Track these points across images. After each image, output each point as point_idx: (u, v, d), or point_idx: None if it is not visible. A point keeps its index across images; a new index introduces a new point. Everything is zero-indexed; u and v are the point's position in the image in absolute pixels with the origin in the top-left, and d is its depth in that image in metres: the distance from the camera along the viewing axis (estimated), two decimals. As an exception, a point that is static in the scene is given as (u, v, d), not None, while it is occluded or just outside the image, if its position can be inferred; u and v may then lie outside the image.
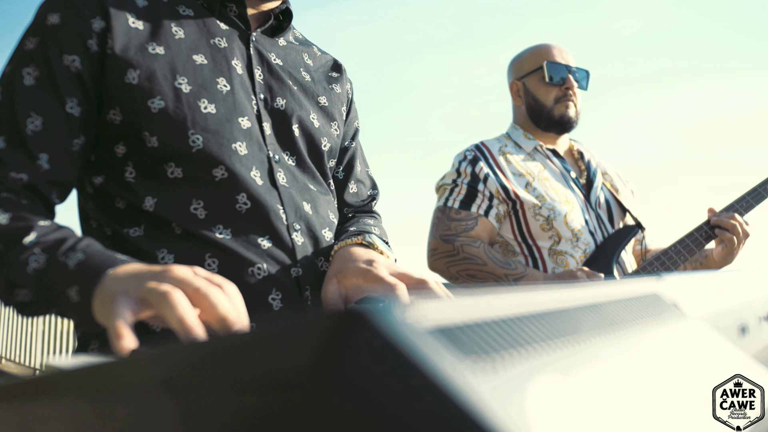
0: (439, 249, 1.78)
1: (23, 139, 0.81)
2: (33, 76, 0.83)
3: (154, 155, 0.86)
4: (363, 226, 1.05)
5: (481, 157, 1.83)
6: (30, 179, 0.81)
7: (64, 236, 0.75)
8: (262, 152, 0.92)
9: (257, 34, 1.01)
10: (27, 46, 0.85)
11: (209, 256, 0.85)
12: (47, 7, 0.86)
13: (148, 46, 0.87)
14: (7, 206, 0.77)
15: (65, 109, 0.84)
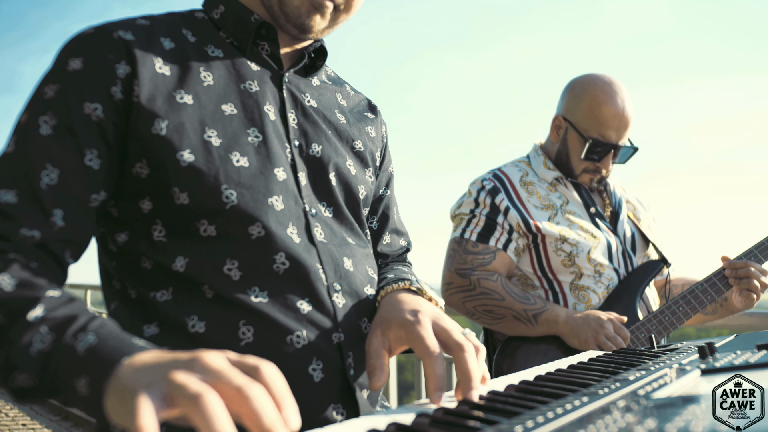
0: (455, 283, 1.70)
1: (37, 193, 0.74)
2: (50, 125, 0.77)
3: (184, 212, 0.81)
4: (402, 275, 0.98)
5: (501, 188, 1.75)
6: (42, 237, 0.74)
7: (74, 313, 0.65)
8: (298, 206, 0.87)
9: (290, 74, 0.95)
10: (46, 93, 0.79)
11: (243, 323, 0.79)
12: (69, 52, 0.80)
13: (176, 94, 0.82)
14: (13, 270, 0.68)
15: (84, 162, 0.77)
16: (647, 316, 1.65)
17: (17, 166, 0.75)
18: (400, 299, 0.85)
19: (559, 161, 1.82)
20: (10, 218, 0.72)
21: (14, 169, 0.75)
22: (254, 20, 0.91)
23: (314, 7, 0.88)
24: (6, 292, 0.66)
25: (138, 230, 0.83)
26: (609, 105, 1.70)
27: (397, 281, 0.91)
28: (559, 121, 1.81)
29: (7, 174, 0.75)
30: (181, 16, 0.93)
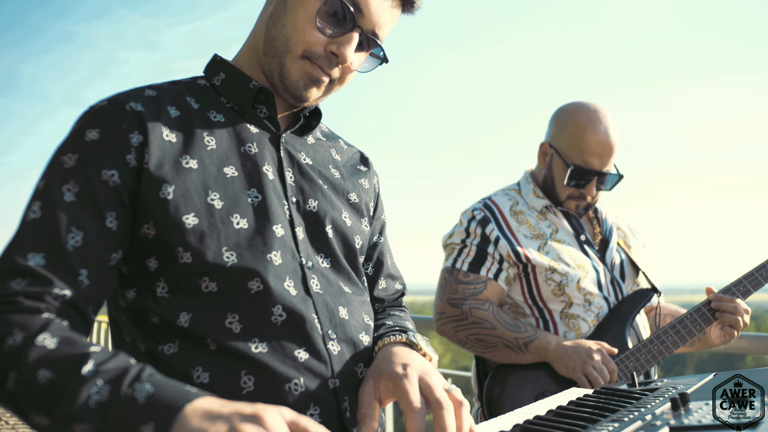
0: (447, 313, 1.73)
1: (64, 255, 0.80)
2: (73, 192, 0.84)
3: (187, 270, 0.87)
4: (400, 322, 1.05)
5: (491, 218, 1.78)
6: (72, 296, 0.80)
7: (125, 365, 0.70)
8: (295, 260, 0.93)
9: (287, 135, 1.02)
10: (66, 162, 0.85)
11: (245, 373, 0.84)
12: (86, 123, 0.87)
13: (182, 159, 0.89)
14: (53, 329, 0.74)
15: (105, 224, 0.84)
16: (636, 345, 1.68)
17: (45, 230, 0.81)
18: (394, 352, 0.91)
19: (545, 187, 1.85)
20: (41, 279, 0.78)
21: (42, 233, 0.81)
22: (253, 86, 0.98)
23: (311, 81, 0.96)
24: (51, 350, 0.71)
25: (144, 287, 0.89)
26: (592, 133, 1.73)
27: (395, 333, 0.97)
28: (545, 147, 1.84)
29: (36, 238, 0.80)
30: (184, 85, 1.00)
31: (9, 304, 0.76)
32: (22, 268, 0.78)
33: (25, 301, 0.77)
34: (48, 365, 0.70)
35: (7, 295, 0.77)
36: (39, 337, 0.72)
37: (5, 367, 0.71)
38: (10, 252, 0.80)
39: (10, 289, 0.77)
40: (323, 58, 0.94)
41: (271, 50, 0.97)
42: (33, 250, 0.79)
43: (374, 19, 0.95)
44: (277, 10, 0.97)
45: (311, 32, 0.93)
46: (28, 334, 0.72)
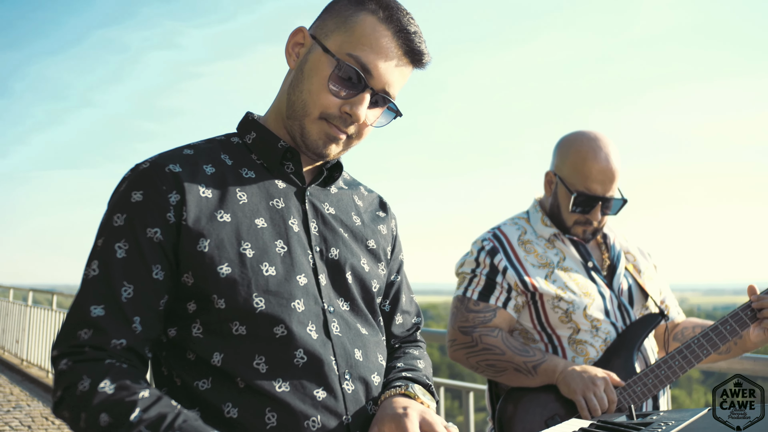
0: (458, 340, 1.80)
1: (120, 306, 0.94)
2: (124, 250, 0.97)
3: (221, 315, 0.98)
4: (410, 362, 1.16)
5: (499, 249, 1.84)
6: (128, 343, 0.94)
7: (164, 411, 0.87)
8: (317, 305, 1.04)
9: (312, 188, 1.13)
10: (116, 222, 0.98)
11: (269, 410, 0.96)
12: (131, 186, 1.00)
13: (217, 213, 1.01)
14: (112, 375, 0.90)
15: (152, 276, 0.97)
16: (644, 370, 1.71)
17: (103, 286, 0.95)
18: (395, 401, 1.01)
19: (552, 215, 1.91)
20: (101, 331, 0.93)
21: (101, 288, 0.95)
22: (281, 146, 1.10)
23: (330, 139, 1.06)
24: (109, 395, 0.87)
25: (183, 327, 1.00)
26: (593, 160, 1.79)
27: (397, 384, 1.07)
28: (550, 176, 1.90)
29: (96, 292, 0.95)
30: (219, 142, 1.12)
31: (78, 354, 0.92)
32: (87, 320, 0.93)
33: (90, 351, 0.92)
34: (106, 409, 0.87)
35: (76, 345, 0.93)
36: (101, 384, 0.88)
37: (78, 408, 0.88)
38: (78, 305, 0.95)
39: (79, 339, 0.93)
40: (338, 119, 1.04)
41: (292, 114, 1.07)
42: (95, 303, 0.94)
43: (384, 79, 1.04)
44: (296, 78, 1.07)
45: (325, 96, 1.03)
46: (93, 381, 0.88)
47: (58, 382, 0.92)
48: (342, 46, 1.03)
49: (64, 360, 0.92)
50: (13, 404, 7.06)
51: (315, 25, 1.11)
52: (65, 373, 0.91)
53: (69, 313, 0.96)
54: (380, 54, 1.02)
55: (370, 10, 1.04)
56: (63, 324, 0.97)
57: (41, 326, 9.00)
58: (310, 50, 1.07)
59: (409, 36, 1.04)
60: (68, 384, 0.90)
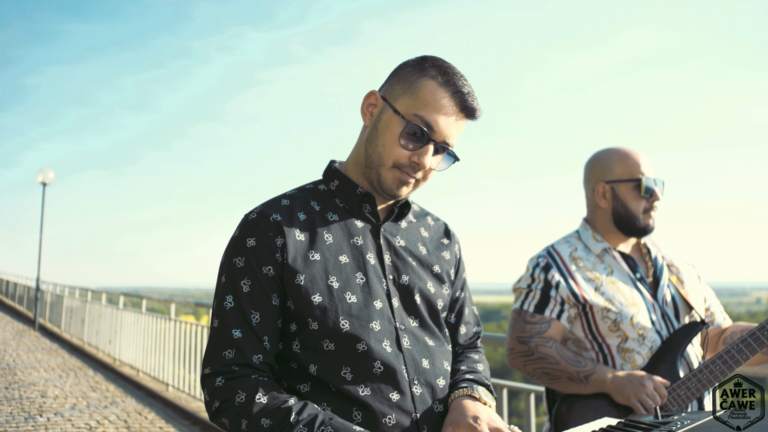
0: (516, 349, 2.01)
1: (252, 328, 1.19)
2: (248, 285, 1.22)
3: (314, 334, 1.21)
4: (471, 365, 1.40)
5: (553, 265, 2.04)
6: (264, 358, 1.19)
7: (313, 412, 1.11)
8: (391, 324, 1.25)
9: (386, 225, 1.35)
10: (238, 264, 1.23)
11: (355, 410, 1.18)
12: (245, 234, 1.25)
13: (309, 254, 1.24)
14: (262, 387, 1.14)
15: (272, 303, 1.22)
16: (687, 375, 1.86)
17: (238, 314, 1.21)
18: (464, 405, 1.22)
19: (618, 218, 2.06)
20: (242, 351, 1.18)
21: (237, 316, 1.21)
22: (359, 192, 1.32)
23: (401, 183, 1.27)
24: (265, 404, 1.12)
25: (286, 342, 1.24)
26: (635, 153, 2.06)
27: (464, 385, 1.28)
28: (602, 187, 2.09)
29: (234, 319, 1.20)
30: (309, 191, 1.36)
31: (229, 373, 1.17)
32: (230, 341, 1.18)
33: (239, 370, 1.17)
34: (267, 415, 1.11)
35: (225, 365, 1.18)
36: (256, 396, 1.13)
37: (239, 417, 1.13)
38: (221, 331, 1.20)
39: (226, 359, 1.18)
40: (408, 167, 1.25)
41: (370, 164, 1.29)
42: (234, 328, 1.19)
43: (444, 133, 1.24)
44: (372, 134, 1.29)
45: (397, 150, 1.24)
46: (248, 394, 1.13)
47: (214, 395, 1.16)
48: (409, 108, 1.23)
49: (219, 378, 1.16)
50: (110, 400, 7.67)
51: (384, 88, 1.31)
52: (221, 389, 1.15)
53: (212, 337, 1.21)
54: (440, 113, 1.22)
55: (431, 76, 1.24)
56: (209, 345, 1.21)
57: (132, 328, 9.61)
58: (382, 110, 1.28)
59: (463, 96, 1.24)
60: (226, 398, 1.14)
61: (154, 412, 7.00)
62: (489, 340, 3.27)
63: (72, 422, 6.47)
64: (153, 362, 8.62)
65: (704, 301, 2.12)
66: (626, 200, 2.03)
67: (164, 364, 8.19)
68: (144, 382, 8.53)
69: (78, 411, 7.00)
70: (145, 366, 8.95)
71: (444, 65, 1.26)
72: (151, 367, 8.70)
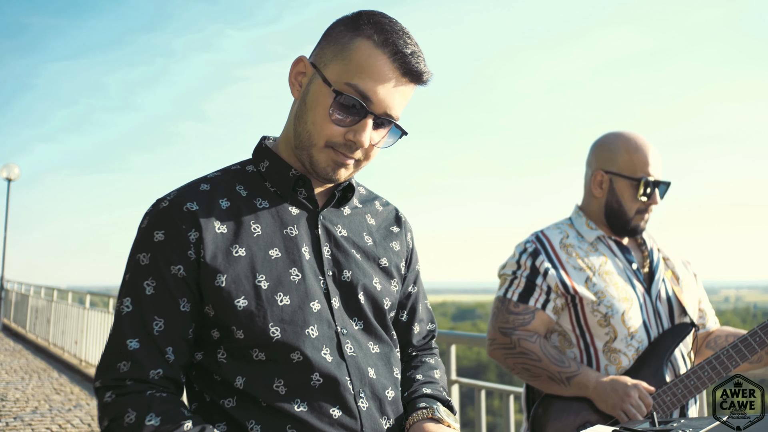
0: (498, 340, 1.87)
1: (153, 338, 1.01)
2: (152, 287, 1.03)
3: (240, 343, 1.04)
4: (428, 373, 1.22)
5: (541, 251, 1.89)
6: (165, 372, 1.02)
7: None
8: (331, 329, 1.08)
9: (325, 211, 1.16)
10: (142, 261, 1.05)
11: (289, 427, 1.01)
12: (153, 226, 1.05)
13: (232, 249, 1.05)
14: (155, 406, 0.97)
15: (180, 309, 1.03)
16: (673, 380, 1.73)
17: (136, 320, 1.03)
18: (425, 428, 1.07)
19: (610, 212, 1.92)
20: (138, 363, 1.00)
21: (134, 323, 1.02)
22: (292, 175, 1.13)
23: (338, 165, 1.08)
24: (156, 427, 0.95)
25: (209, 352, 1.07)
26: (646, 148, 1.88)
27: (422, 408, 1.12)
28: (600, 175, 1.92)
29: (130, 327, 1.02)
30: (234, 173, 1.15)
31: (120, 388, 1.00)
32: (125, 352, 1.00)
33: (132, 384, 1.00)
34: None
35: (118, 378, 1.00)
36: (147, 417, 0.96)
37: None
38: (115, 338, 1.02)
39: (119, 372, 1.00)
40: (344, 146, 1.05)
41: (300, 144, 1.09)
42: (130, 337, 1.01)
43: (385, 104, 1.03)
44: (300, 109, 1.09)
45: (328, 126, 1.04)
46: (139, 414, 0.96)
47: (104, 412, 1.00)
48: (341, 75, 1.03)
49: (109, 393, 0.99)
50: (74, 403, 7.40)
51: (315, 52, 1.11)
52: (110, 405, 0.99)
53: (107, 345, 1.03)
54: (378, 80, 1.02)
55: (366, 35, 1.03)
56: (102, 355, 1.03)
57: (99, 328, 9.36)
58: (311, 80, 1.08)
59: (405, 58, 1.03)
60: (114, 416, 0.98)
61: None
62: (464, 339, 3.23)
63: (33, 427, 6.21)
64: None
65: (699, 302, 2.00)
66: (622, 197, 1.89)
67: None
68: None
69: (40, 415, 6.73)
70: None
71: (382, 21, 1.05)
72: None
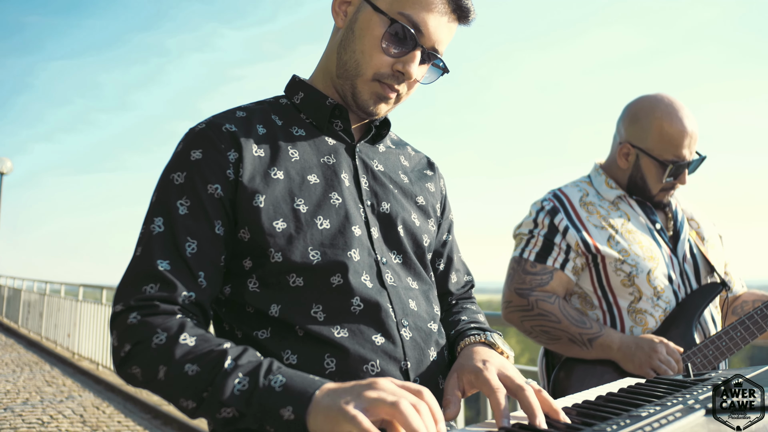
0: (514, 302, 1.75)
1: (185, 260, 0.94)
2: (185, 206, 0.96)
3: (277, 268, 0.98)
4: (473, 316, 1.15)
5: (560, 208, 1.78)
6: (196, 297, 0.93)
7: (256, 360, 0.84)
8: (370, 257, 1.03)
9: (360, 144, 1.14)
10: (176, 180, 0.98)
11: (328, 356, 0.95)
12: (189, 145, 1.01)
13: (270, 171, 1.01)
14: (188, 329, 0.88)
15: (214, 231, 0.97)
16: (704, 341, 1.64)
17: (168, 241, 0.94)
18: (475, 351, 0.99)
19: (633, 185, 1.82)
20: (170, 284, 0.91)
21: (166, 244, 0.94)
22: (329, 104, 1.10)
23: (380, 99, 1.06)
24: (192, 347, 0.85)
25: (239, 284, 1.00)
26: (677, 126, 1.72)
27: (474, 333, 1.06)
28: (627, 148, 1.80)
29: (162, 247, 0.94)
30: (269, 104, 1.13)
31: (148, 308, 0.90)
32: (154, 273, 0.92)
33: (161, 304, 0.90)
34: (193, 360, 0.83)
35: (145, 299, 0.90)
36: (181, 336, 0.86)
37: (156, 362, 0.85)
38: (142, 261, 0.93)
39: (146, 293, 0.91)
40: (391, 77, 1.04)
41: (344, 73, 1.06)
42: (160, 258, 0.93)
43: (433, 37, 1.03)
44: (346, 37, 1.07)
45: (378, 56, 1.02)
46: (170, 335, 0.86)
47: (125, 336, 0.89)
48: (393, 5, 1.02)
49: (133, 314, 0.89)
50: (66, 394, 7.27)
51: None
52: (135, 327, 0.88)
53: (131, 268, 0.94)
54: (431, 12, 1.02)
55: None
56: (125, 278, 0.94)
57: (92, 321, 9.25)
58: (359, 9, 1.06)
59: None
60: (140, 339, 0.87)
61: (113, 406, 6.67)
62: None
63: (23, 417, 6.07)
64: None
65: (724, 264, 1.89)
66: (647, 174, 1.78)
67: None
68: (104, 375, 8.18)
69: (30, 406, 6.59)
70: (105, 359, 8.62)
71: None
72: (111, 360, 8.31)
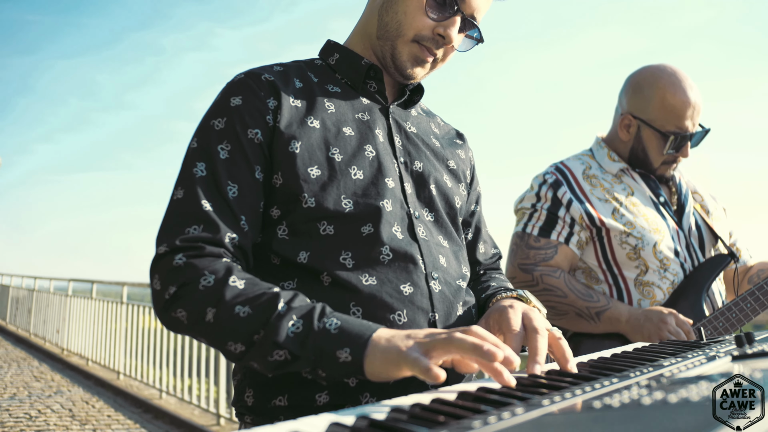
0: (518, 278, 1.71)
1: (228, 202, 0.94)
2: (226, 151, 0.97)
3: (309, 214, 0.97)
4: (503, 284, 1.15)
5: (563, 181, 1.74)
6: (239, 240, 0.93)
7: (309, 303, 0.84)
8: (403, 210, 1.03)
9: (393, 106, 1.15)
10: (217, 126, 0.99)
11: (353, 305, 0.94)
12: (229, 92, 1.01)
13: (307, 119, 1.02)
14: (236, 272, 0.87)
15: (255, 176, 0.97)
16: (713, 313, 1.62)
17: (210, 184, 0.95)
18: (505, 299, 1.01)
19: (634, 157, 1.79)
20: (214, 225, 0.91)
21: (210, 186, 0.94)
22: (364, 64, 1.11)
23: (418, 62, 1.08)
24: (242, 289, 0.85)
25: (266, 234, 0.99)
26: (682, 98, 1.69)
27: (506, 291, 1.07)
28: (629, 119, 1.77)
29: (205, 190, 0.94)
30: (305, 63, 1.15)
31: (194, 249, 0.89)
32: (198, 215, 0.91)
33: (207, 246, 0.90)
34: (244, 302, 0.83)
35: (190, 239, 0.90)
36: (230, 279, 0.85)
37: (204, 304, 0.84)
38: (185, 203, 0.93)
39: (190, 234, 0.90)
40: (431, 40, 1.05)
41: (384, 34, 1.08)
42: (205, 199, 0.93)
43: (474, 4, 1.06)
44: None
45: (421, 18, 1.04)
46: (218, 277, 0.86)
47: (170, 278, 0.87)
48: None
49: (179, 255, 0.88)
50: (55, 389, 7.18)
51: None
52: (181, 269, 0.87)
53: (172, 210, 0.93)
54: None
55: None
56: (166, 220, 0.93)
57: (81, 315, 9.14)
58: None
59: None
60: (187, 280, 0.86)
61: (103, 401, 6.60)
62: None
63: (10, 412, 5.98)
64: (103, 350, 8.24)
65: (729, 235, 1.86)
66: (648, 146, 1.75)
67: (115, 351, 7.81)
68: (93, 371, 8.12)
69: (18, 401, 6.50)
70: (94, 354, 8.55)
71: None
72: (101, 355, 8.29)
